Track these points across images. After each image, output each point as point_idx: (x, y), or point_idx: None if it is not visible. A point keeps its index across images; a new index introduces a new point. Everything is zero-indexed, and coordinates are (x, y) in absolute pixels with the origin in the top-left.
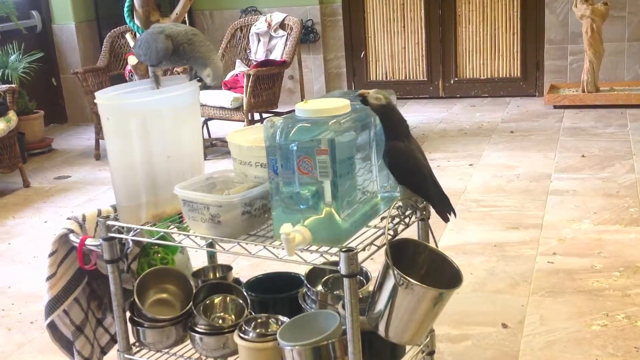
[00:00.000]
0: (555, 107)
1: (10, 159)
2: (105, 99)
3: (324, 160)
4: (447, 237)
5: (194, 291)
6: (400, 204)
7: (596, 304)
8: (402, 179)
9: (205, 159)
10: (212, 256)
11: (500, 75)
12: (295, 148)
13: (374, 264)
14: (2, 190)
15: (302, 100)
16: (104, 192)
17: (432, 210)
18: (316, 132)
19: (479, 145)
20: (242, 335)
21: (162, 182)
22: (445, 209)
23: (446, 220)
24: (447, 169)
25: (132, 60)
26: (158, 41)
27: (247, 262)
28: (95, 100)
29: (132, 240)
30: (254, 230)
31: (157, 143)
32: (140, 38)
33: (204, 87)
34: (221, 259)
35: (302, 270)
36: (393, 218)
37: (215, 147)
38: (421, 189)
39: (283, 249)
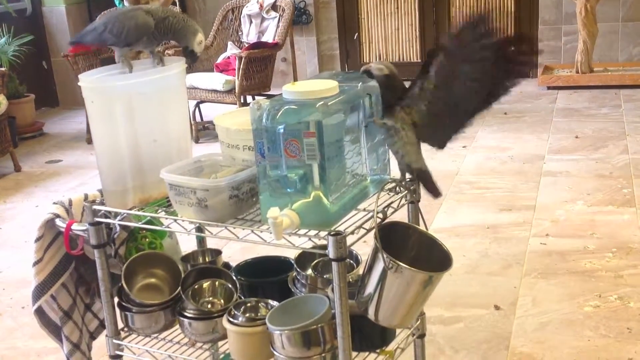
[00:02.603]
0: (549, 88)
1: (1, 144)
2: (89, 81)
3: (311, 142)
4: (439, 219)
5: (183, 276)
6: (392, 185)
7: (589, 285)
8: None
9: (197, 142)
10: (201, 240)
11: None
12: (282, 131)
13: (366, 246)
14: None
15: (293, 82)
16: (95, 176)
17: (423, 193)
18: (303, 115)
19: (472, 127)
20: (231, 319)
21: (148, 166)
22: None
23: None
24: (440, 151)
25: None
26: (137, 17)
27: (239, 246)
28: (79, 83)
29: (120, 224)
30: (242, 214)
31: (143, 126)
32: (103, 22)
33: (194, 59)
34: (211, 243)
35: (292, 253)
36: (389, 195)
37: (207, 130)
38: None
39: (271, 233)
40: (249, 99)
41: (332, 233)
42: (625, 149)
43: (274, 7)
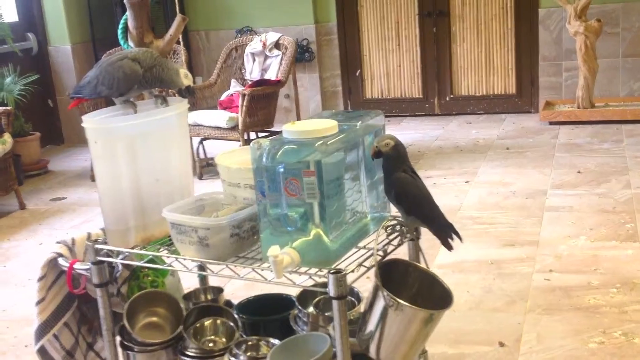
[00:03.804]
0: (550, 123)
1: (6, 182)
2: (93, 122)
3: (311, 181)
4: (443, 255)
5: (185, 314)
6: (392, 222)
7: (593, 321)
8: (411, 209)
9: (201, 179)
10: (203, 278)
11: (496, 92)
12: (282, 170)
13: (368, 282)
14: None
15: (298, 119)
16: (99, 214)
17: (422, 230)
18: (303, 154)
19: (474, 162)
20: (232, 358)
21: (150, 205)
22: (449, 236)
23: (450, 248)
24: (443, 186)
25: None
26: (124, 67)
27: (242, 282)
28: (82, 124)
29: (122, 263)
30: (243, 252)
31: (145, 166)
32: (95, 75)
33: (191, 93)
34: (213, 281)
35: (294, 291)
36: (388, 234)
37: (211, 167)
38: (430, 218)
39: (272, 271)
40: (253, 135)
41: (332, 271)
42: (627, 184)
43: (276, 45)
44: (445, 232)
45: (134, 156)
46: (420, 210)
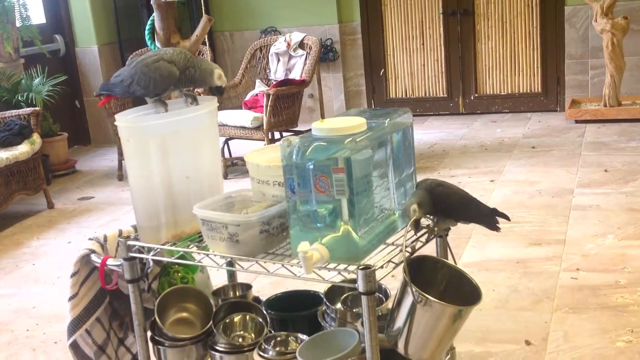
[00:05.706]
0: (576, 121)
1: (35, 181)
2: (125, 121)
3: (340, 178)
4: (468, 254)
5: (214, 310)
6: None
7: (620, 320)
8: (459, 216)
9: (226, 178)
10: (232, 275)
11: (521, 91)
12: (311, 167)
13: (395, 280)
14: (26, 211)
15: (321, 119)
16: (126, 213)
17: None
18: (332, 151)
19: (500, 161)
20: (261, 353)
21: (181, 202)
22: (496, 222)
23: (498, 230)
24: (468, 185)
25: None
26: (161, 69)
27: (268, 280)
28: (115, 123)
29: (153, 259)
30: (273, 248)
31: (176, 164)
32: (129, 75)
33: (221, 92)
34: (241, 278)
35: (321, 287)
36: (417, 230)
37: (236, 167)
38: (479, 216)
39: (301, 267)
40: (277, 135)
41: (361, 267)
42: None
43: (301, 45)
44: (492, 220)
45: (166, 154)
46: (467, 214)
